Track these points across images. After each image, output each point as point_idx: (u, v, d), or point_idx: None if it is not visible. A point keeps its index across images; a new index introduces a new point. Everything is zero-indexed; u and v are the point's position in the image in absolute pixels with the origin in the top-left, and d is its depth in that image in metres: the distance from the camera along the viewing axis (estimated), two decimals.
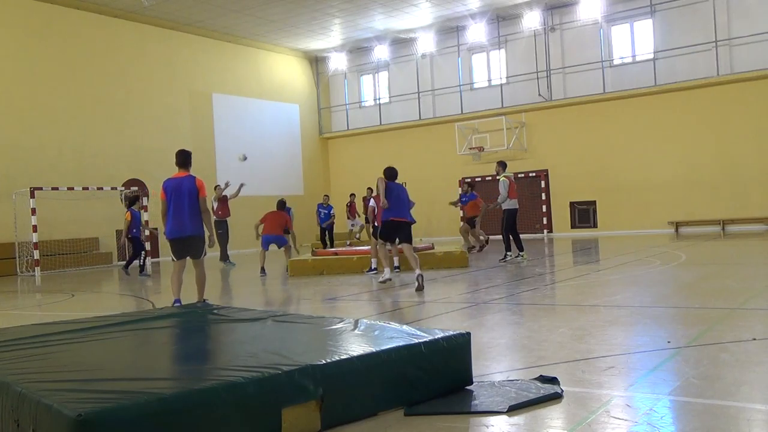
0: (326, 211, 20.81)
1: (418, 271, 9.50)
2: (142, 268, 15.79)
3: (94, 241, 20.29)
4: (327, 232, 20.76)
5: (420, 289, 9.19)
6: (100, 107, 20.94)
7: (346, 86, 28.50)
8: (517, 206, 13.36)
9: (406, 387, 3.80)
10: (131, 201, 15.71)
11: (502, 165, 13.50)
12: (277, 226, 14.28)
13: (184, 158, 8.13)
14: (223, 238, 16.44)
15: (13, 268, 18.11)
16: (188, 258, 8.19)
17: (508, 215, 13.08)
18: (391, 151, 26.24)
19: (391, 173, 10.47)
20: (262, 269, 13.76)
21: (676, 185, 20.94)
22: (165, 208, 8.00)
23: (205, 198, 7.98)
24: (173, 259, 8.26)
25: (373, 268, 12.46)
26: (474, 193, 17.27)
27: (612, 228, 22.20)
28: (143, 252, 15.87)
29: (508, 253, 13.09)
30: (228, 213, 17.40)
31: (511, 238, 13.05)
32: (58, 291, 13.00)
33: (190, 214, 7.91)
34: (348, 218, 22.94)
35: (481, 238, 16.74)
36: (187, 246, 8.06)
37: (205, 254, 8.26)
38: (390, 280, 10.67)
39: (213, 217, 8.75)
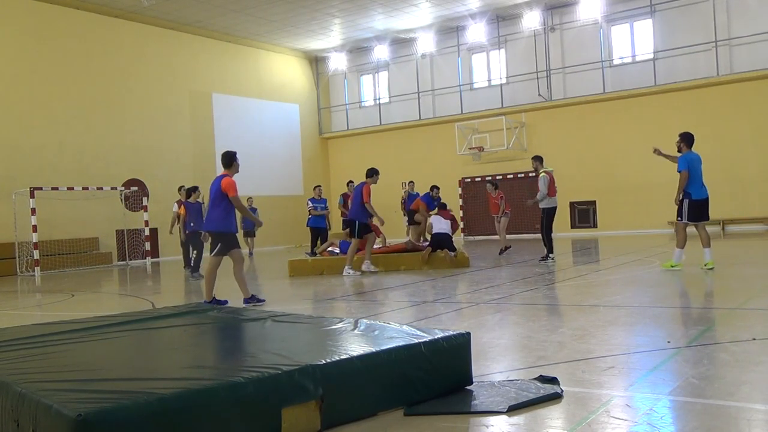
0: (321, 205, 16.80)
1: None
2: (196, 267, 13.86)
3: (94, 241, 20.29)
4: (319, 235, 16.54)
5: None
6: (100, 107, 20.94)
7: (346, 86, 28.50)
8: (557, 204, 12.72)
9: (406, 387, 3.80)
10: (187, 193, 14.22)
11: (539, 159, 12.85)
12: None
13: (226, 159, 8.65)
14: (198, 248, 13.90)
15: (13, 268, 18.11)
16: (224, 256, 8.56)
17: (547, 214, 12.58)
18: (391, 151, 26.26)
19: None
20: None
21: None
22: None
23: (235, 197, 8.33)
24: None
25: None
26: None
27: (612, 228, 22.20)
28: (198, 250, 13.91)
29: (550, 254, 12.66)
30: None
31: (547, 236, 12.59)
32: (58, 291, 13.00)
33: (215, 210, 8.39)
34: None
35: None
36: (215, 242, 8.49)
37: (222, 254, 8.47)
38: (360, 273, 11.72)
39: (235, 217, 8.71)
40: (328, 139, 29.03)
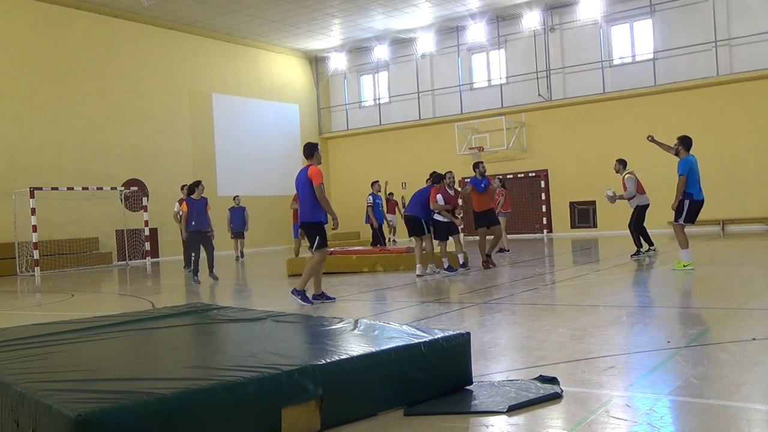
0: (380, 201, 16.99)
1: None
2: (196, 269, 13.01)
3: (94, 241, 20.29)
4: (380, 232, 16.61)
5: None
6: (100, 107, 20.94)
7: (345, 86, 28.50)
8: (648, 201, 12.72)
9: (406, 387, 3.80)
10: (189, 188, 13.06)
11: (623, 163, 13.08)
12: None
13: (308, 150, 8.41)
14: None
15: (13, 268, 18.11)
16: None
17: (639, 211, 12.64)
18: (390, 151, 26.26)
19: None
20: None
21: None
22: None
23: (319, 185, 8.14)
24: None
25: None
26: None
27: (612, 228, 22.17)
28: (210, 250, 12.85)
29: (640, 249, 12.68)
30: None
31: (639, 233, 12.67)
32: (58, 291, 13.00)
33: (303, 202, 8.26)
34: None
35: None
36: (312, 235, 8.35)
37: (324, 244, 8.35)
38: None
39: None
40: (328, 139, 29.03)
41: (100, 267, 19.65)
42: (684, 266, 10.17)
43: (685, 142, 10.71)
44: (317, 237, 8.27)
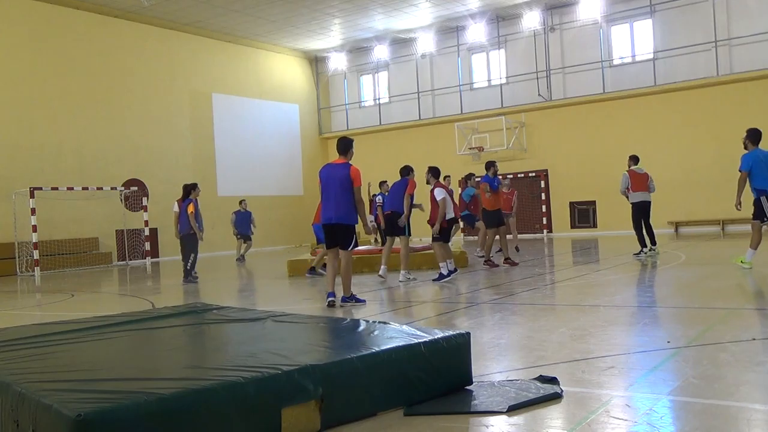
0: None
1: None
2: (189, 272, 12.91)
3: (94, 241, 20.29)
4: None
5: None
6: (101, 107, 20.94)
7: (345, 86, 28.50)
8: (641, 199, 12.60)
9: (406, 387, 3.80)
10: (186, 190, 12.95)
11: (631, 159, 13.08)
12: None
13: (343, 145, 8.02)
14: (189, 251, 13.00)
15: (13, 268, 18.11)
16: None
17: (632, 209, 12.67)
18: (390, 151, 26.23)
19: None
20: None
21: (676, 185, 20.91)
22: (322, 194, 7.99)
23: (359, 187, 7.84)
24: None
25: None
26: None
27: (612, 228, 22.16)
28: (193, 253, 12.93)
29: (643, 248, 12.61)
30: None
31: (637, 231, 12.69)
32: (58, 291, 13.00)
33: (339, 202, 7.79)
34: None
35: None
36: (335, 234, 7.93)
37: (356, 245, 8.05)
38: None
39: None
40: (328, 139, 29.02)
41: (100, 267, 19.65)
42: (742, 262, 10.07)
43: (752, 136, 10.28)
44: (353, 239, 7.94)
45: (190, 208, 12.59)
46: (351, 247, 7.96)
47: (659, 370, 4.38)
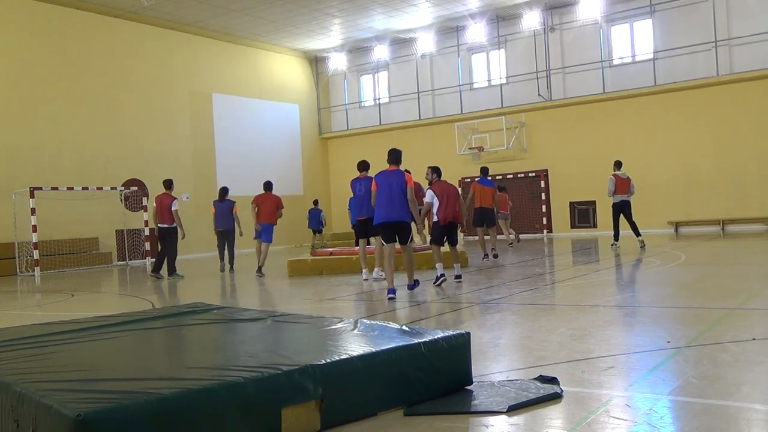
0: None
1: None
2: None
3: (94, 241, 20.28)
4: None
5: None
6: (100, 107, 20.94)
7: (345, 86, 28.50)
8: (620, 199, 15.22)
9: (406, 387, 3.80)
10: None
11: (618, 165, 15.66)
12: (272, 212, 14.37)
13: (394, 156, 9.41)
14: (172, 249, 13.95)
15: (13, 268, 18.11)
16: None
17: (614, 208, 15.45)
18: None
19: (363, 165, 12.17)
20: (259, 268, 13.68)
21: (675, 185, 20.93)
22: (375, 197, 9.08)
23: (412, 188, 8.95)
24: (382, 244, 9.32)
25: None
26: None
27: (612, 228, 22.17)
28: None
29: (616, 242, 15.34)
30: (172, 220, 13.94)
31: (614, 226, 15.50)
32: (58, 291, 13.00)
33: (400, 203, 8.88)
34: None
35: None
36: (396, 230, 8.92)
37: (412, 240, 9.19)
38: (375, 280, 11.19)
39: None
40: (328, 139, 29.03)
41: (100, 267, 19.64)
42: None
43: None
44: (411, 233, 9.13)
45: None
46: (409, 242, 9.10)
47: (659, 370, 4.38)
